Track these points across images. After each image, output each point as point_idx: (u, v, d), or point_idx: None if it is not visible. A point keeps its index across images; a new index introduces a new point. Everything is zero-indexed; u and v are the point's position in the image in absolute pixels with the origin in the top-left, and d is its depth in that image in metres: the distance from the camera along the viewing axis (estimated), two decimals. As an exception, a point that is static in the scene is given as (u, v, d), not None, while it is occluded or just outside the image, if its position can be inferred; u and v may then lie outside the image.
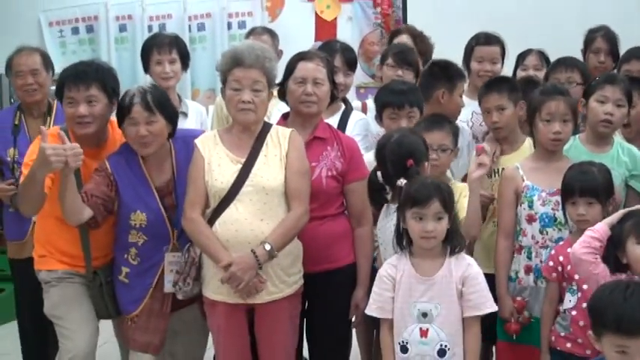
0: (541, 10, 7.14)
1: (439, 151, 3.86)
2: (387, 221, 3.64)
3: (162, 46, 4.88)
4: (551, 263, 3.61)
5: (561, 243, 3.62)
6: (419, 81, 4.68)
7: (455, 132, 4.01)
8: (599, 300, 2.74)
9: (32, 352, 4.92)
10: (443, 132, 3.91)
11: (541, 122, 3.87)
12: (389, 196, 3.66)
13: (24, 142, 4.58)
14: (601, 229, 3.20)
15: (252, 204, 3.65)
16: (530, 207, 3.85)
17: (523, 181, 3.88)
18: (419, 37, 5.30)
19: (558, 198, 3.71)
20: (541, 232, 3.82)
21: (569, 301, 3.49)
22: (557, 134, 3.83)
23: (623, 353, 2.61)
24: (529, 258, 3.85)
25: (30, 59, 4.78)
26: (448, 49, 5.24)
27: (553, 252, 3.63)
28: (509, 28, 5.30)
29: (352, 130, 4.46)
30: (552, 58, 5.12)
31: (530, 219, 3.84)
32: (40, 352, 4.85)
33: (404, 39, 5.25)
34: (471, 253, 3.76)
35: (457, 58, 4.97)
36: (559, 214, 3.73)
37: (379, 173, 3.64)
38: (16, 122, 4.76)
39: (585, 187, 3.51)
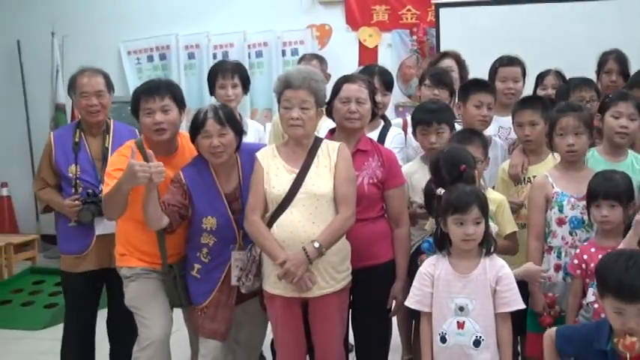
0: (556, 34, 7.10)
1: None
2: None
3: (226, 72, 4.87)
4: (575, 261, 3.58)
5: (585, 243, 3.59)
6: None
7: (484, 144, 4.00)
8: (605, 265, 2.83)
9: None
10: (473, 146, 3.88)
11: (557, 137, 3.86)
12: None
13: (84, 158, 4.46)
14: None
15: (305, 209, 3.65)
16: (561, 211, 3.82)
17: (553, 188, 3.86)
18: (461, 63, 5.27)
19: (585, 202, 3.68)
20: (571, 234, 3.80)
21: (592, 294, 3.44)
22: (571, 146, 3.81)
23: (620, 314, 2.69)
24: (559, 257, 3.82)
25: (94, 80, 4.48)
26: (475, 71, 5.25)
27: (578, 251, 3.59)
28: (529, 52, 5.25)
29: (390, 143, 4.44)
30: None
31: (561, 222, 3.82)
32: None
33: (449, 62, 5.21)
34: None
35: (484, 78, 4.93)
36: (587, 217, 3.70)
37: (433, 185, 3.58)
38: (77, 140, 4.49)
39: (609, 191, 3.49)
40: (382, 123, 4.62)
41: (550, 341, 3.05)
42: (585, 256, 3.51)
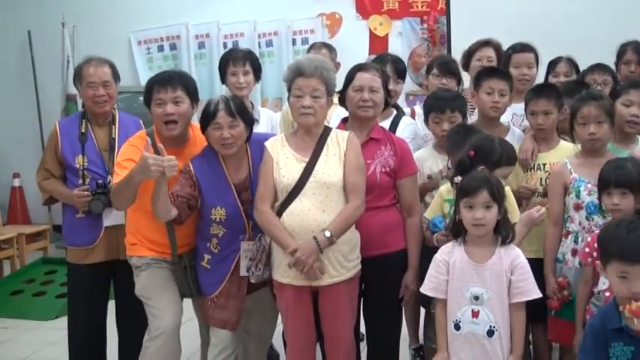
0: (571, 22, 7.06)
1: None
2: None
3: (237, 59, 4.85)
4: (587, 249, 3.56)
5: (596, 231, 3.55)
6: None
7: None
8: (607, 233, 2.89)
9: (79, 353, 4.61)
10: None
11: (578, 126, 3.87)
12: None
13: (92, 149, 4.40)
14: None
15: (314, 197, 3.64)
16: (578, 196, 3.83)
17: (571, 174, 3.86)
18: (501, 54, 5.21)
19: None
20: (587, 219, 3.81)
21: (603, 283, 3.43)
22: (592, 135, 3.81)
23: (623, 278, 2.73)
24: (575, 242, 3.83)
25: (101, 70, 4.41)
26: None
27: (589, 239, 3.58)
28: (542, 41, 5.22)
29: (402, 132, 4.43)
30: (581, 65, 5.10)
31: (578, 207, 3.83)
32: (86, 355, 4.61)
33: (489, 52, 5.18)
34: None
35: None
36: None
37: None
38: (83, 130, 4.42)
39: (620, 179, 3.48)
40: (394, 112, 4.62)
41: None
42: (596, 244, 3.48)
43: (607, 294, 3.37)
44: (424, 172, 4.14)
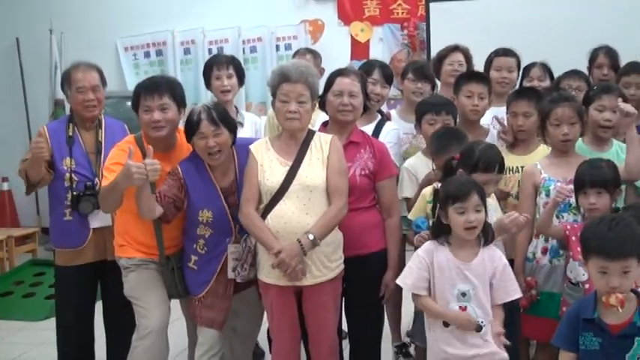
0: (546, 28, 7.11)
1: None
2: None
3: (221, 64, 4.89)
4: (568, 227, 3.65)
5: (576, 225, 3.61)
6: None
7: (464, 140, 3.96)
8: (589, 229, 2.91)
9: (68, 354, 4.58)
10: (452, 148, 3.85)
11: (551, 126, 3.90)
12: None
13: (79, 152, 4.36)
14: None
15: (298, 200, 3.66)
16: (548, 195, 3.85)
17: (541, 174, 3.90)
18: (470, 58, 5.29)
19: (572, 186, 3.69)
20: (557, 217, 3.81)
21: (583, 274, 3.49)
22: (566, 136, 3.86)
23: (603, 273, 2.76)
24: (546, 241, 3.86)
25: (89, 75, 4.37)
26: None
27: (570, 227, 3.64)
28: (518, 46, 5.27)
29: (385, 137, 4.44)
30: (555, 70, 5.13)
31: None
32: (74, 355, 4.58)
33: (458, 57, 5.22)
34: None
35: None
36: (573, 200, 3.71)
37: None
38: (70, 134, 4.37)
39: (595, 179, 3.53)
40: (379, 117, 4.63)
41: (564, 357, 2.97)
42: (573, 238, 3.53)
43: (587, 286, 3.43)
44: (418, 180, 4.14)
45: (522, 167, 4.13)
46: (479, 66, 5.15)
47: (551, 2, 7.50)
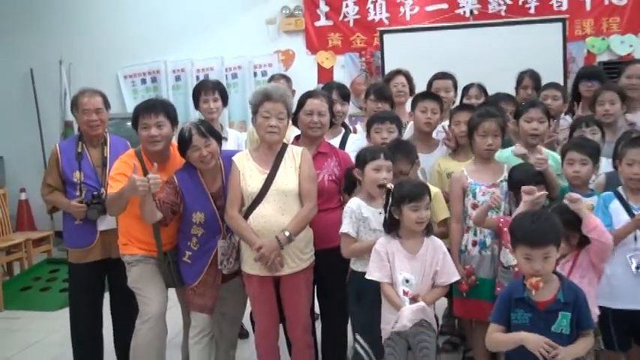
0: (480, 55, 7.19)
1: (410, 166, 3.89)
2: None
3: (208, 89, 4.87)
4: (501, 219, 3.68)
5: (508, 218, 3.60)
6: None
7: (410, 154, 3.94)
8: (516, 222, 2.96)
9: (81, 345, 4.55)
10: (403, 155, 3.86)
11: (478, 137, 3.91)
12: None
13: (87, 166, 4.36)
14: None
15: (275, 203, 3.67)
16: (474, 197, 3.88)
17: (467, 179, 3.91)
18: (410, 79, 5.30)
19: (494, 189, 3.79)
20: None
21: (512, 259, 3.51)
22: (490, 146, 3.89)
23: (528, 259, 2.80)
24: (475, 235, 3.88)
25: (93, 100, 4.36)
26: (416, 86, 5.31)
27: (502, 220, 3.68)
28: (458, 70, 5.32)
29: (350, 147, 4.40)
30: (490, 90, 5.18)
31: (474, 206, 3.88)
32: (88, 343, 4.55)
33: (400, 79, 5.24)
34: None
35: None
36: (502, 203, 3.77)
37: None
38: (79, 150, 4.37)
39: (528, 178, 3.62)
40: (343, 130, 4.62)
41: (492, 329, 2.97)
42: (505, 229, 3.54)
43: (516, 269, 3.46)
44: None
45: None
46: (422, 88, 5.13)
47: (484, 34, 7.64)
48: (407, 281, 3.33)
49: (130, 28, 8.88)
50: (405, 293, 3.31)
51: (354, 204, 3.60)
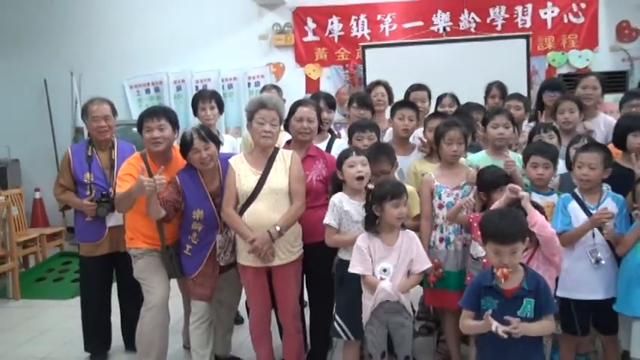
0: (453, 68, 7.21)
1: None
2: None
3: (205, 98, 4.84)
4: (472, 216, 3.67)
5: (477, 215, 3.62)
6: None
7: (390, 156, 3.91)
8: (485, 219, 2.97)
9: (91, 330, 4.58)
10: (384, 157, 3.83)
11: (444, 144, 3.89)
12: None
13: (96, 168, 4.37)
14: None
15: (267, 201, 3.66)
16: (440, 198, 3.88)
17: (434, 182, 3.91)
18: (389, 89, 5.29)
19: (457, 191, 3.82)
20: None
21: (481, 252, 3.51)
22: (455, 152, 3.88)
23: (497, 254, 2.80)
24: (441, 232, 3.88)
25: (102, 107, 4.38)
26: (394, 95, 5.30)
27: (472, 216, 3.67)
28: (433, 82, 5.34)
29: (336, 150, 4.33)
30: (462, 100, 5.17)
31: (440, 206, 3.88)
32: (97, 328, 4.57)
33: (380, 89, 5.23)
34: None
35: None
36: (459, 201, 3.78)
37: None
38: (89, 154, 4.39)
39: (498, 180, 3.65)
40: (329, 136, 4.61)
41: (464, 314, 2.99)
42: (475, 224, 3.55)
43: (485, 260, 3.45)
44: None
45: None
46: (400, 97, 5.10)
47: (456, 49, 7.72)
48: (384, 270, 3.35)
49: (135, 43, 8.87)
50: (382, 279, 3.34)
51: (337, 198, 3.63)
